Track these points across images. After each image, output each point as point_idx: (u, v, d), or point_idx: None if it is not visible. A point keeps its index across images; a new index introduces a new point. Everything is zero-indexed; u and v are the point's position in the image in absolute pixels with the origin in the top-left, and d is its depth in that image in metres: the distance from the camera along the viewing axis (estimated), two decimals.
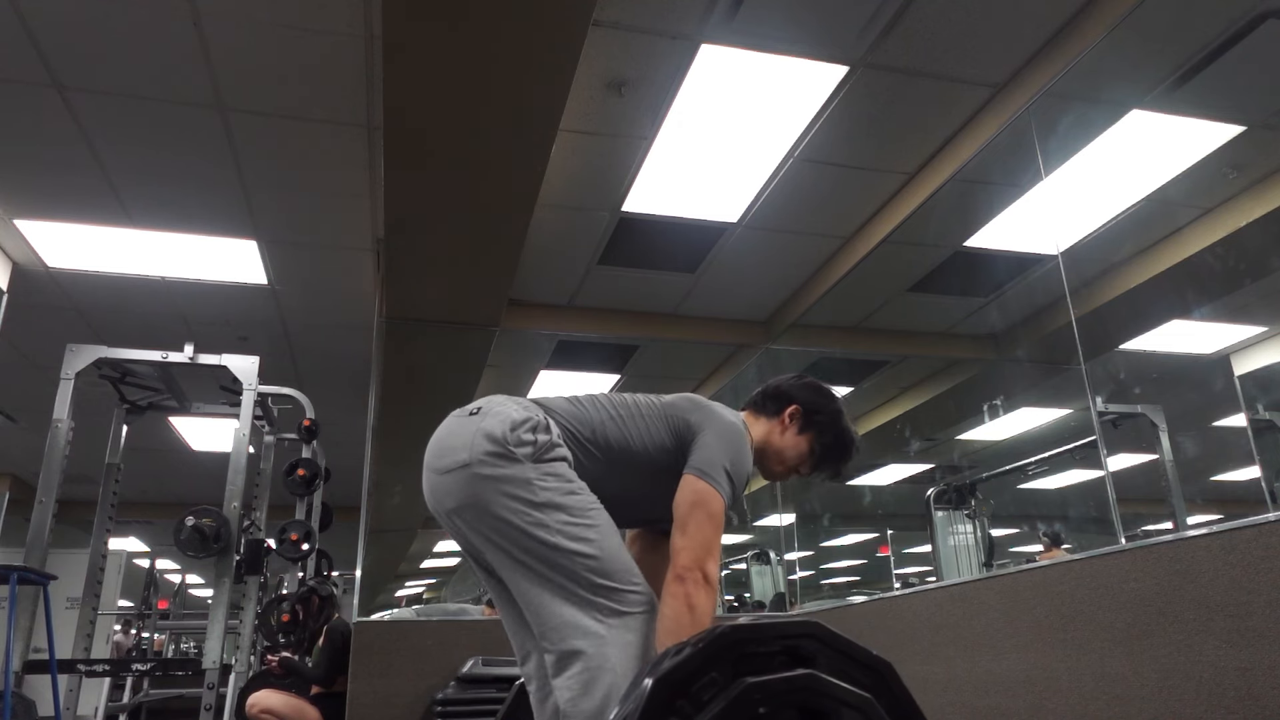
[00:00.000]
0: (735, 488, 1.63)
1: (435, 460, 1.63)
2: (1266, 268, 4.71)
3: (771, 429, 1.85)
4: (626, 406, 1.74)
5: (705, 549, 1.55)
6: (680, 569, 1.53)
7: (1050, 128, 3.69)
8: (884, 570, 10.16)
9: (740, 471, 1.65)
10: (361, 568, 4.64)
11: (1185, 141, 3.99)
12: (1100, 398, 4.73)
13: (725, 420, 1.70)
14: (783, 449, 1.85)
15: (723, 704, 0.96)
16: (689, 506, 1.59)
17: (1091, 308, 4.94)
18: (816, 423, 1.85)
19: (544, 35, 2.86)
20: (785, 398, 1.87)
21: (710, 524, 1.57)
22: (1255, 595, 1.91)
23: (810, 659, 1.02)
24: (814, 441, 1.85)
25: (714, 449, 1.63)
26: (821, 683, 0.99)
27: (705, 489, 1.59)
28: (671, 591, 1.53)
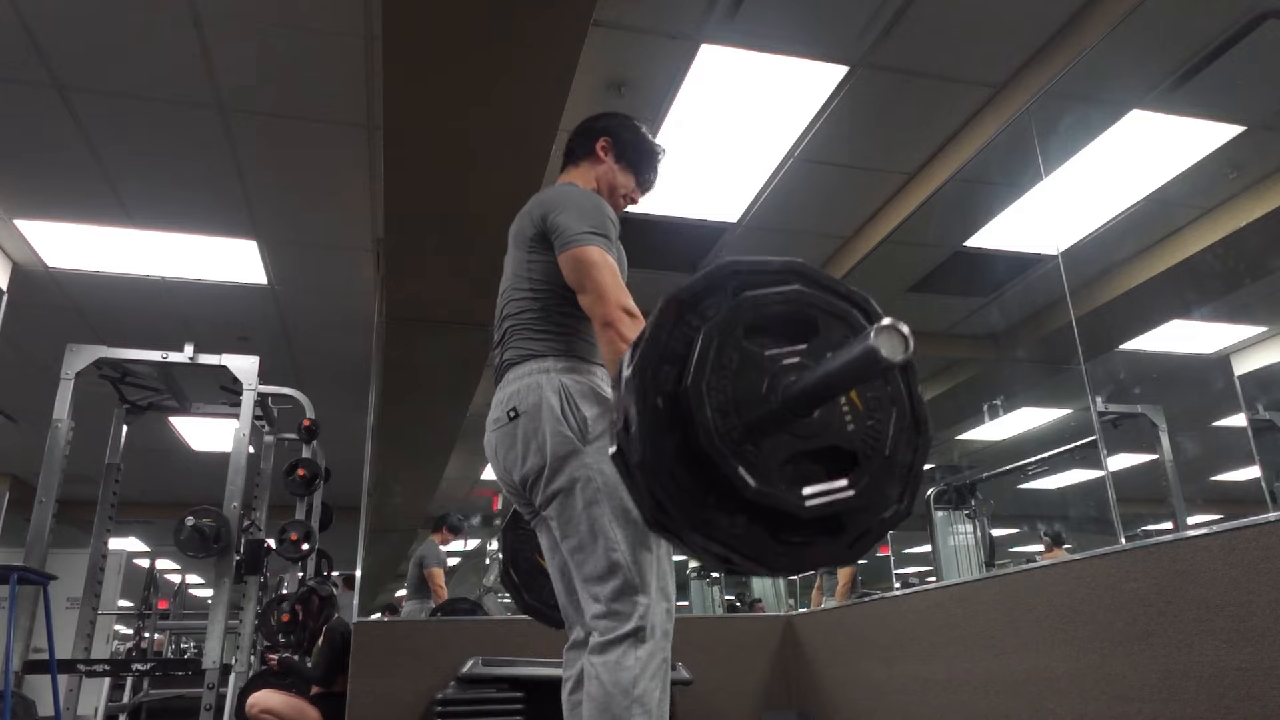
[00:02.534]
0: (601, 230, 1.67)
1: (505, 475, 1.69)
2: (1266, 268, 4.72)
3: (595, 170, 1.92)
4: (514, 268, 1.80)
5: (610, 290, 1.60)
6: (602, 317, 1.59)
7: (1050, 128, 3.69)
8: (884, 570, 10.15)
9: (599, 218, 1.69)
10: (361, 568, 4.64)
11: (1185, 141, 3.99)
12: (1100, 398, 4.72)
13: (557, 193, 1.77)
14: (611, 181, 1.92)
15: (725, 312, 1.09)
16: (575, 275, 1.64)
17: (1091, 308, 4.94)
18: (624, 141, 1.93)
19: (544, 35, 2.86)
20: (589, 133, 1.94)
21: (599, 270, 1.61)
22: (1255, 595, 1.91)
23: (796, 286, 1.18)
24: (630, 162, 1.94)
25: (561, 220, 1.68)
26: (809, 295, 1.15)
27: (575, 252, 1.64)
28: (606, 339, 1.58)
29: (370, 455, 4.55)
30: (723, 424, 1.05)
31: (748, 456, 1.05)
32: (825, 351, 1.11)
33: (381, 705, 3.50)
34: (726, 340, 1.08)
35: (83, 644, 4.41)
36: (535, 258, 1.74)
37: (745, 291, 1.11)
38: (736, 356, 1.08)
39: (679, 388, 1.06)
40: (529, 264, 1.75)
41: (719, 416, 1.04)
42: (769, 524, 1.07)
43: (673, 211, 4.52)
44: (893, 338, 0.96)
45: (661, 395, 1.07)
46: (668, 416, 1.06)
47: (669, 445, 1.06)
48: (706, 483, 1.05)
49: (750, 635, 3.97)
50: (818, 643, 3.78)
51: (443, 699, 3.38)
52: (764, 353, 1.09)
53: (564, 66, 2.99)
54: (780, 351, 1.11)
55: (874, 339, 0.96)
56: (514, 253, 1.81)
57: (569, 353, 1.69)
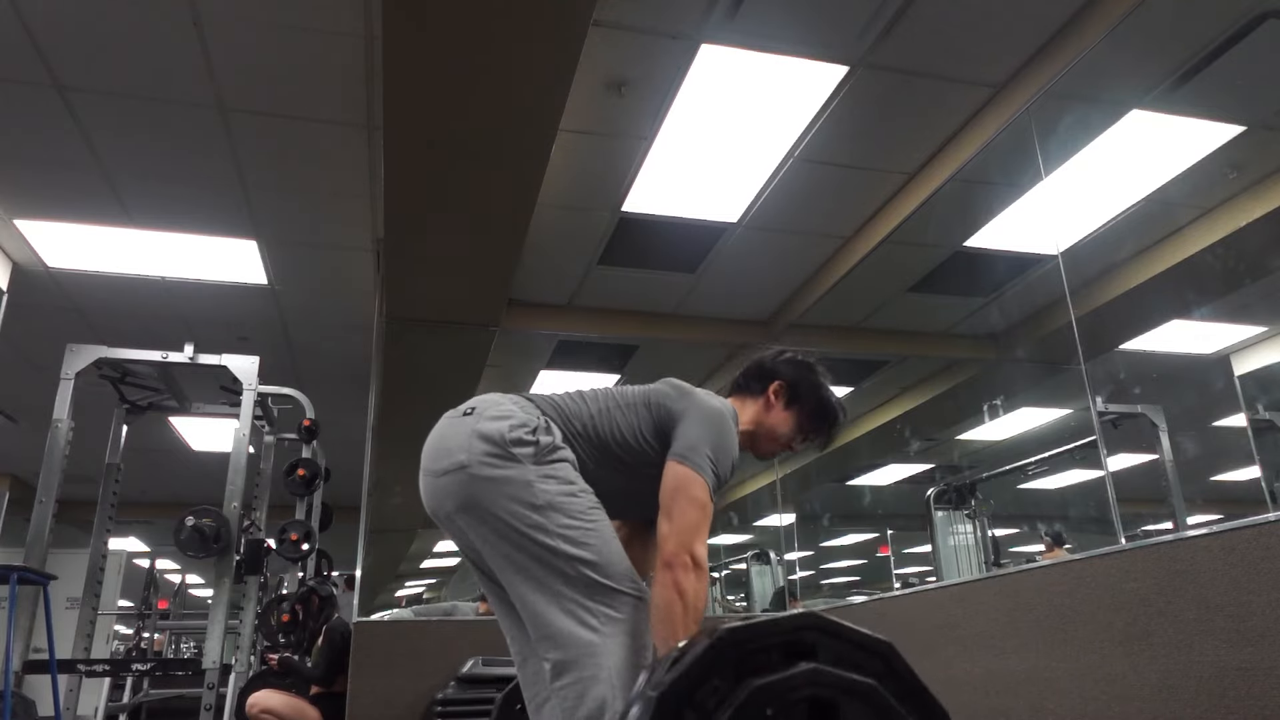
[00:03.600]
0: (720, 471, 1.61)
1: (432, 463, 1.61)
2: (1266, 268, 4.72)
3: (759, 408, 1.85)
4: (612, 398, 1.72)
5: (691, 533, 1.53)
6: (667, 556, 1.52)
7: (1050, 128, 3.69)
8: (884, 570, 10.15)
9: (724, 455, 1.63)
10: (361, 568, 4.64)
11: (1185, 141, 3.99)
12: (1100, 398, 4.73)
13: (708, 405, 1.68)
14: (774, 426, 1.85)
15: (730, 710, 0.96)
16: (672, 492, 1.57)
17: (1091, 308, 4.94)
18: (801, 395, 1.86)
19: (544, 35, 2.86)
20: (768, 375, 1.87)
21: (694, 507, 1.55)
22: (1255, 595, 1.91)
23: (811, 651, 1.02)
24: (800, 414, 1.86)
25: (696, 434, 1.62)
26: (825, 675, 1.00)
27: (687, 473, 1.58)
28: (660, 580, 1.51)
29: (370, 455, 4.55)
30: None
31: None
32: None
33: (381, 705, 3.50)
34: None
35: (83, 644, 4.41)
36: (640, 420, 1.68)
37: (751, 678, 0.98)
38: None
39: None
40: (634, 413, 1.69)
41: None
42: None
43: (673, 211, 4.52)
44: None
45: None
46: None
47: None
48: None
49: None
50: None
51: (443, 699, 3.38)
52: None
53: (564, 66, 2.99)
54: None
55: None
56: (635, 393, 1.74)
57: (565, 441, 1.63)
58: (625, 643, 1.49)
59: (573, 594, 1.50)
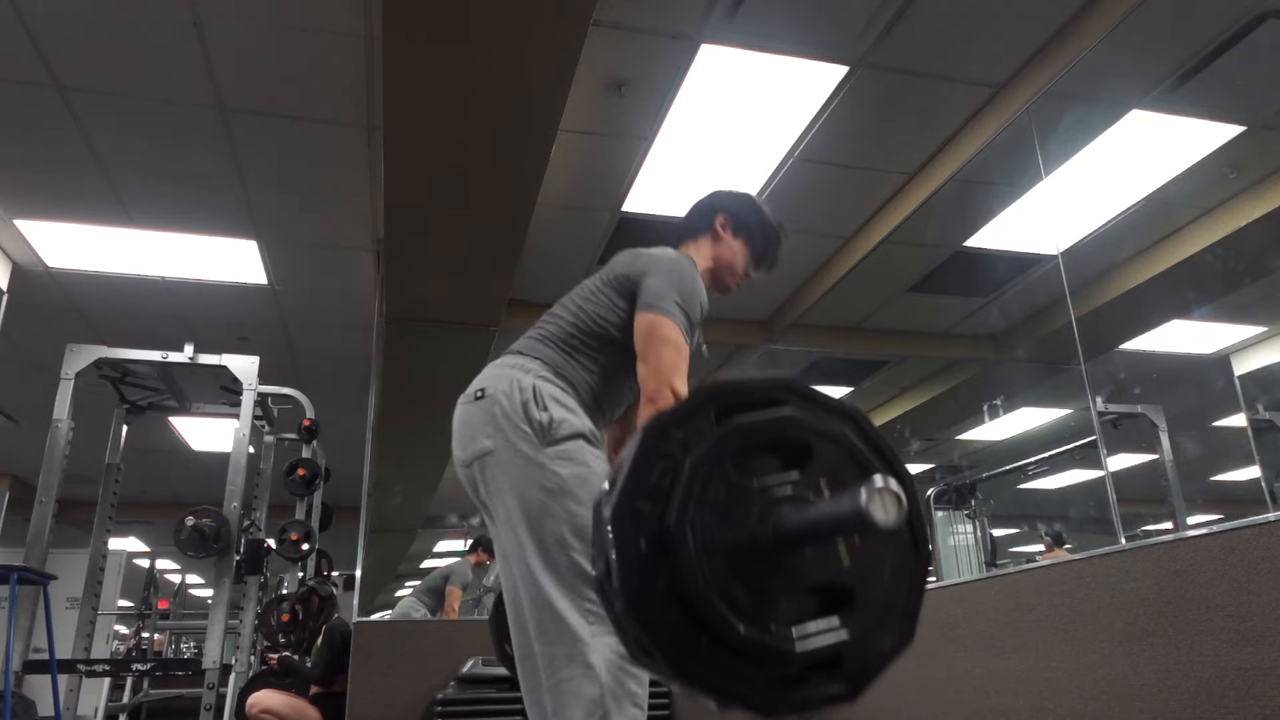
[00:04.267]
0: (689, 313, 1.65)
1: (459, 452, 1.65)
2: (1266, 268, 4.72)
3: (710, 244, 1.91)
4: (579, 292, 1.76)
5: (670, 369, 1.57)
6: (650, 393, 1.55)
7: (1050, 128, 3.69)
8: None
9: (691, 296, 1.66)
10: (361, 568, 4.64)
11: (1185, 141, 3.99)
12: (1100, 398, 4.73)
13: (664, 256, 1.73)
14: (729, 259, 1.91)
15: (710, 441, 1.03)
16: (645, 338, 1.61)
17: (1091, 308, 4.95)
18: (746, 221, 1.92)
19: (544, 35, 2.86)
20: (709, 209, 1.94)
21: (668, 347, 1.58)
22: (1255, 595, 1.91)
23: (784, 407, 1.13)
24: (749, 240, 1.92)
25: (659, 284, 1.65)
26: (800, 418, 1.09)
27: (655, 318, 1.61)
28: (645, 414, 1.55)
29: (370, 455, 4.55)
30: (709, 565, 0.99)
31: (736, 598, 1.00)
32: (820, 477, 1.07)
33: (381, 705, 3.50)
34: (712, 472, 1.02)
35: (83, 644, 4.41)
36: (608, 295, 1.71)
37: (731, 416, 1.06)
38: (723, 489, 1.02)
39: (661, 527, 1.00)
40: (600, 295, 1.72)
41: (704, 557, 0.99)
42: (762, 666, 1.02)
43: (673, 211, 4.52)
44: (885, 501, 0.91)
45: (644, 536, 1.01)
46: (651, 559, 1.00)
47: (654, 590, 1.00)
48: (695, 627, 1.00)
49: None
50: None
51: (443, 699, 3.38)
52: (753, 483, 1.04)
53: (564, 66, 2.99)
54: (770, 481, 1.05)
55: (864, 501, 0.92)
56: (594, 279, 1.78)
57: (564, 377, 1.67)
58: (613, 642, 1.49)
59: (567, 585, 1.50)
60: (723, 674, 1.01)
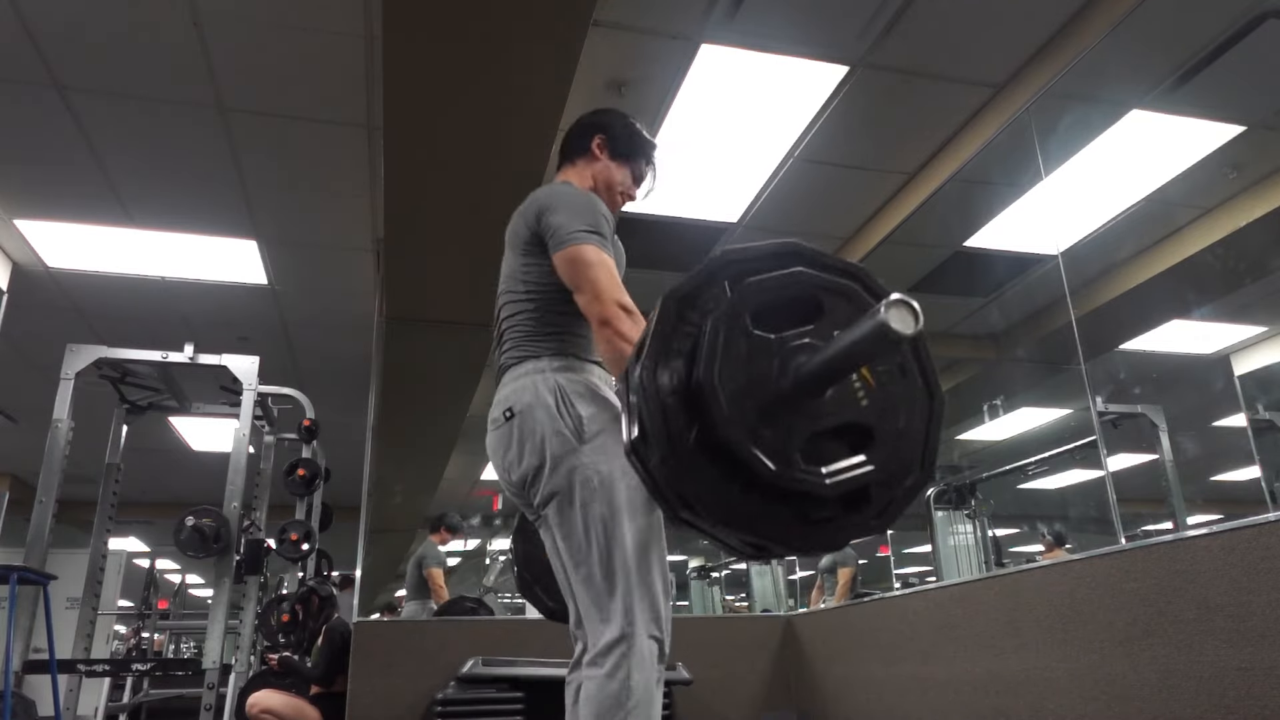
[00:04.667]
0: (597, 229, 1.66)
1: (508, 475, 1.67)
2: (1266, 268, 4.72)
3: (590, 168, 1.91)
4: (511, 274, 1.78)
5: (607, 288, 1.58)
6: (598, 316, 1.57)
7: (1050, 128, 3.69)
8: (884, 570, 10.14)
9: (590, 213, 1.68)
10: (361, 568, 4.64)
11: (1185, 141, 3.99)
12: (1100, 398, 4.72)
13: (551, 192, 1.75)
14: (608, 179, 1.90)
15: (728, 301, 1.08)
16: (570, 273, 1.62)
17: (1091, 308, 4.94)
18: (619, 138, 1.92)
19: (544, 35, 2.86)
20: (583, 132, 1.94)
21: (596, 269, 1.60)
22: (1255, 595, 1.91)
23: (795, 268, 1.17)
24: (626, 159, 1.92)
25: (556, 220, 1.67)
26: (810, 275, 1.14)
27: (569, 251, 1.63)
28: (603, 338, 1.57)
29: (370, 455, 4.55)
30: (738, 412, 1.04)
31: (766, 442, 1.05)
32: (832, 329, 1.12)
33: (381, 705, 3.50)
34: (733, 328, 1.07)
35: (83, 644, 4.41)
36: (530, 260, 1.74)
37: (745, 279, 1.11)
38: (745, 344, 1.08)
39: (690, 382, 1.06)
40: (524, 266, 1.75)
41: (733, 405, 1.04)
42: (795, 506, 1.08)
43: (673, 211, 4.52)
44: (902, 312, 0.97)
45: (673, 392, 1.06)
46: (682, 412, 1.06)
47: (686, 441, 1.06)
48: (728, 473, 1.05)
49: (750, 635, 3.97)
50: (817, 643, 3.78)
51: (443, 699, 3.38)
52: (771, 337, 1.09)
53: (564, 66, 2.99)
54: (788, 334, 1.10)
55: (883, 314, 0.96)
56: (509, 255, 1.81)
57: (564, 352, 1.69)
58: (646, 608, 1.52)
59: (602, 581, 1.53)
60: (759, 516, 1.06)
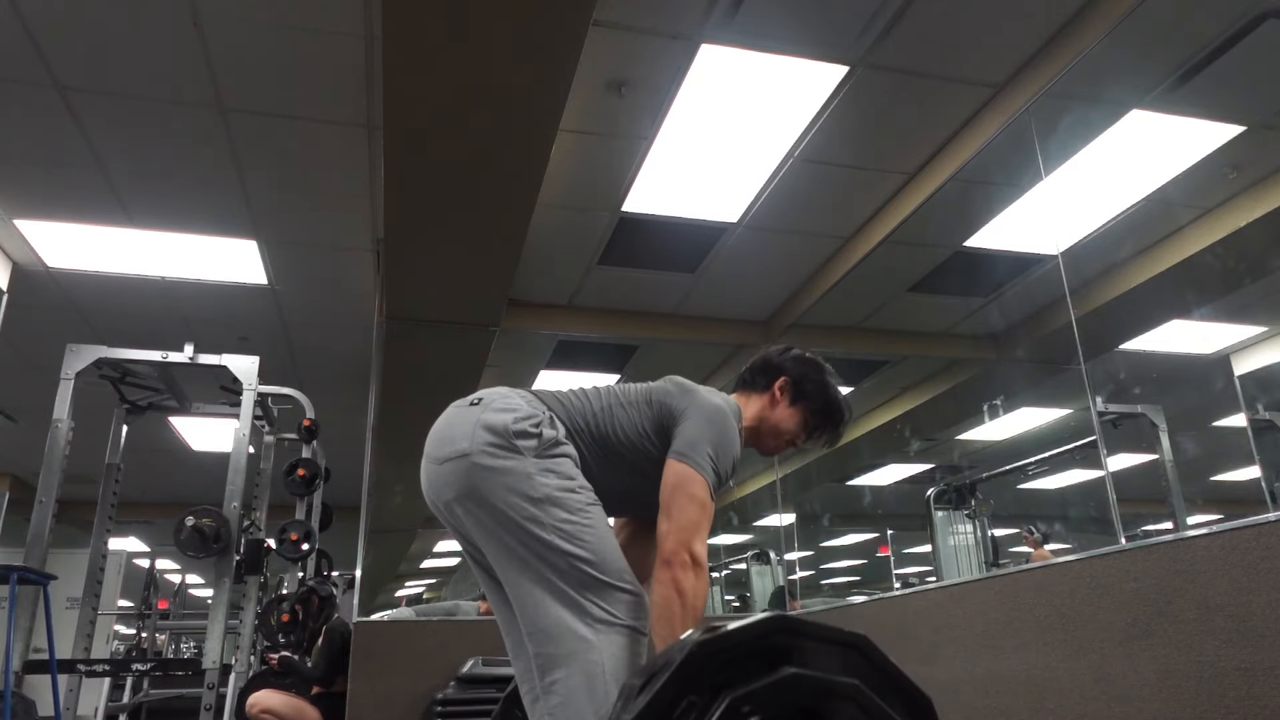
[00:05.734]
0: (720, 469, 1.61)
1: (435, 449, 1.62)
2: (1266, 268, 4.71)
3: (764, 404, 1.85)
4: (615, 396, 1.72)
5: (690, 531, 1.53)
6: (666, 554, 1.52)
7: (1050, 128, 3.69)
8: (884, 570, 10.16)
9: (725, 453, 1.62)
10: (361, 568, 4.64)
11: (1185, 141, 3.99)
12: (1100, 398, 4.73)
13: (709, 402, 1.68)
14: (778, 423, 1.84)
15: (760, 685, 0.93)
16: (671, 490, 1.57)
17: (1091, 308, 4.94)
18: (806, 392, 1.85)
19: (544, 35, 2.86)
20: (774, 370, 1.87)
21: (694, 505, 1.55)
22: (1255, 595, 1.91)
23: (785, 654, 0.98)
24: (806, 411, 1.85)
25: (697, 432, 1.61)
26: (806, 679, 0.97)
27: (686, 471, 1.58)
28: (659, 578, 1.51)
29: (370, 455, 4.55)
30: None
31: None
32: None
33: (381, 705, 3.50)
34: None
35: (83, 644, 4.41)
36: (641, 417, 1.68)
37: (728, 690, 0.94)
38: None
39: None
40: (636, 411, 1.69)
41: None
42: None
43: (673, 211, 4.52)
44: None
45: None
46: None
47: None
48: None
49: None
50: None
51: (443, 699, 3.38)
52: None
53: (564, 66, 2.99)
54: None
55: None
56: (638, 390, 1.73)
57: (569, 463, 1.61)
58: (621, 641, 1.49)
59: (566, 589, 1.49)
60: None
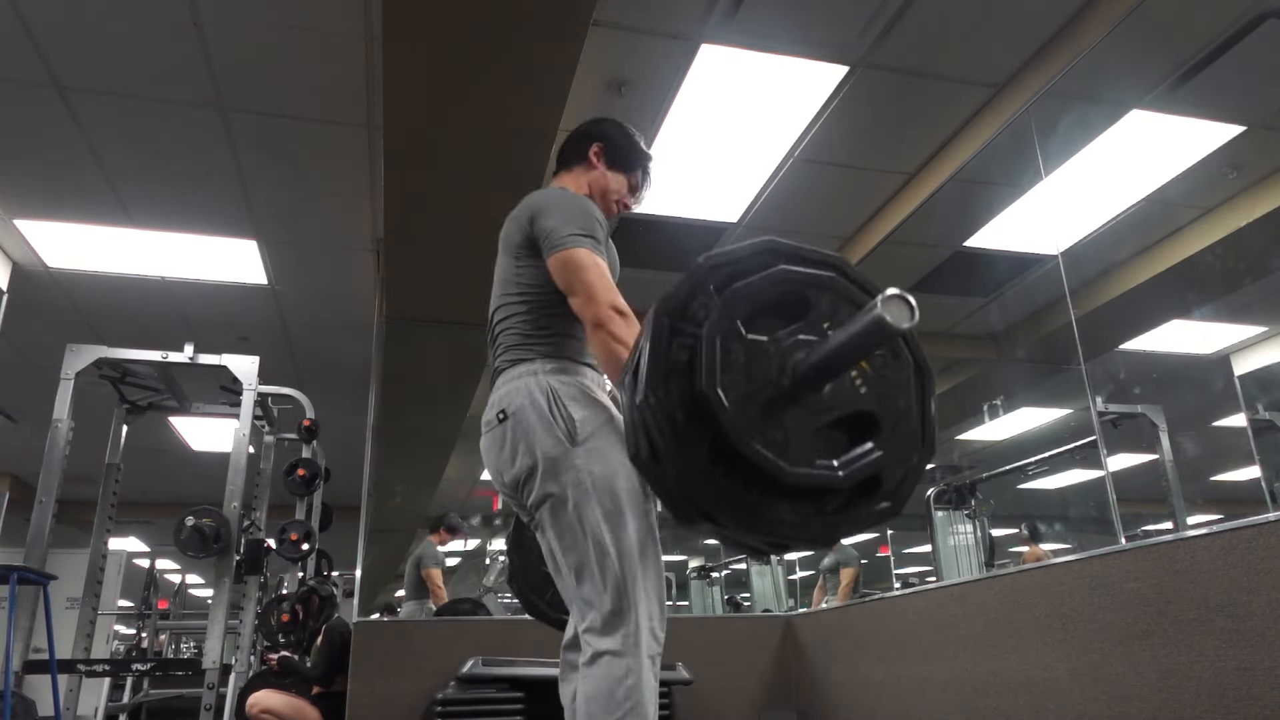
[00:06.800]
0: (590, 232, 1.67)
1: (502, 477, 1.67)
2: (1266, 268, 4.72)
3: (587, 175, 1.93)
4: (504, 277, 1.81)
5: (600, 291, 1.59)
6: (592, 319, 1.58)
7: (1050, 128, 3.69)
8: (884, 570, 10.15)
9: (584, 217, 1.69)
10: (361, 568, 4.64)
11: (1185, 141, 3.99)
12: (1100, 398, 4.72)
13: (545, 196, 1.78)
14: (604, 187, 1.92)
15: (718, 310, 1.09)
16: (563, 277, 1.63)
17: (1091, 308, 4.95)
18: (619, 147, 1.94)
19: (544, 36, 2.86)
20: (582, 139, 1.95)
21: (589, 272, 1.61)
22: (1255, 595, 1.91)
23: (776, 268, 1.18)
24: (623, 168, 1.94)
25: (549, 223, 1.68)
26: (794, 272, 1.16)
27: (563, 254, 1.63)
28: (597, 341, 1.58)
29: (370, 455, 4.55)
30: (746, 419, 1.06)
31: (777, 444, 1.07)
32: (820, 322, 1.15)
33: (381, 705, 3.50)
34: (728, 336, 1.08)
35: (83, 644, 4.41)
36: (523, 263, 1.75)
37: (730, 285, 1.12)
38: (741, 350, 1.09)
39: (694, 394, 1.06)
40: (517, 269, 1.76)
41: (741, 412, 1.05)
42: (813, 501, 1.10)
43: (673, 211, 4.52)
44: (897, 305, 0.98)
45: (680, 409, 1.06)
46: (691, 428, 1.06)
47: (700, 455, 1.06)
48: (746, 480, 1.06)
49: (750, 635, 3.97)
50: (818, 643, 3.78)
51: (443, 699, 3.38)
52: (766, 338, 1.11)
53: (564, 66, 2.99)
54: (781, 334, 1.12)
55: (880, 308, 0.98)
56: (503, 258, 1.83)
57: (557, 355, 1.69)
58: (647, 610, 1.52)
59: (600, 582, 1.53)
60: (780, 516, 1.09)
